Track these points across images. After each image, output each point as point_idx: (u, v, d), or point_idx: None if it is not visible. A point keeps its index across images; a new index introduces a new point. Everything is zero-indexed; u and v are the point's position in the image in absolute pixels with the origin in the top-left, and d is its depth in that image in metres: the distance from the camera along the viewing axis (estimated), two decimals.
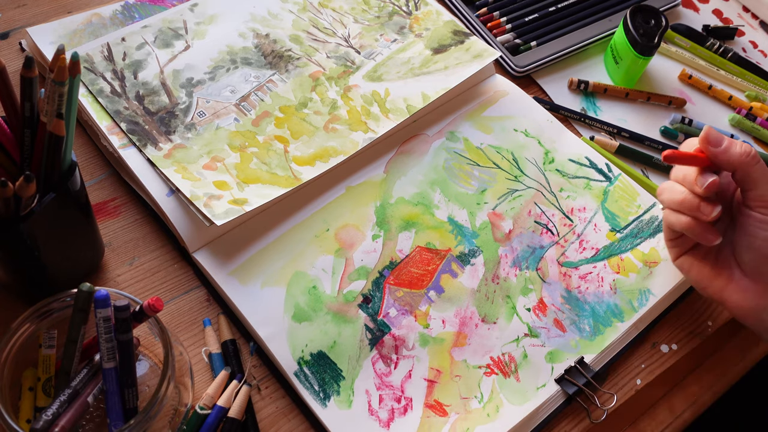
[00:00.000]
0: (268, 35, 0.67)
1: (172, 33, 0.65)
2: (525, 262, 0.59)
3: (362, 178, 0.61)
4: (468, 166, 0.64)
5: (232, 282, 0.53)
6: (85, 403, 0.44)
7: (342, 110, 0.63)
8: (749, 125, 0.75)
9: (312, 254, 0.56)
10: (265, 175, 0.57)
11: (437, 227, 0.59)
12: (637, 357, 0.57)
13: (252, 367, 0.52)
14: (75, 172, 0.45)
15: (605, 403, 0.54)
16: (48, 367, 0.46)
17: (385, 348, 0.53)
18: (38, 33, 0.63)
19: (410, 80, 0.66)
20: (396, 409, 0.51)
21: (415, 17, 0.72)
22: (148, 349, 0.50)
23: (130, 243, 0.56)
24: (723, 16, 0.86)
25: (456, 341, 0.54)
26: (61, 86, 0.42)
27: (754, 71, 0.80)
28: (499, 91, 0.69)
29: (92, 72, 0.61)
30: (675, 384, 0.57)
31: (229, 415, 0.48)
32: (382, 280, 0.56)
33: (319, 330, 0.52)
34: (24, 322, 0.45)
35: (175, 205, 0.55)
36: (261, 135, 0.60)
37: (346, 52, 0.68)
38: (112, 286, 0.54)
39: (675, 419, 0.56)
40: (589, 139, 0.69)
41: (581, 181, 0.65)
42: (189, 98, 0.61)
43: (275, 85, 0.64)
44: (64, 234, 0.48)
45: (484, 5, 0.79)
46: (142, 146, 0.57)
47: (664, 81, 0.77)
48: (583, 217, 0.63)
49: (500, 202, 0.62)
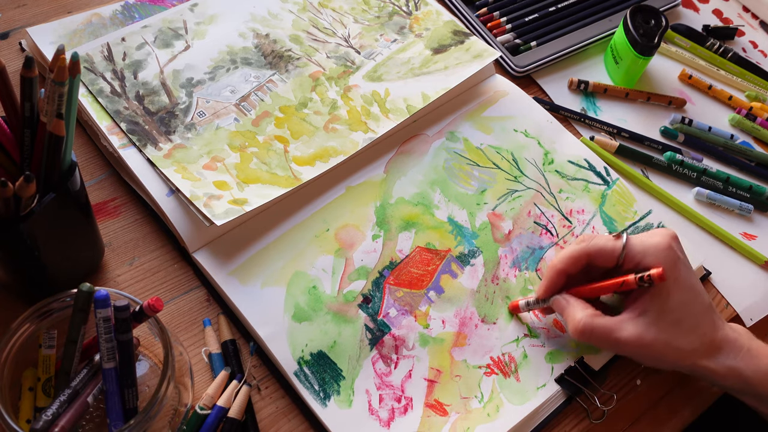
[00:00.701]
0: (268, 35, 0.67)
1: (172, 33, 0.65)
2: (524, 262, 0.59)
3: (362, 178, 0.61)
4: (468, 166, 0.64)
5: (232, 282, 0.53)
6: (85, 403, 0.44)
7: (342, 110, 0.63)
8: (749, 125, 0.75)
9: (312, 254, 0.56)
10: (265, 175, 0.57)
11: (437, 227, 0.59)
12: None
13: (252, 367, 0.52)
14: (75, 172, 0.45)
15: (605, 403, 0.54)
16: (48, 367, 0.46)
17: (385, 348, 0.53)
18: (38, 33, 0.63)
19: (410, 80, 0.66)
20: (396, 408, 0.51)
21: (415, 17, 0.72)
22: (148, 349, 0.50)
23: (130, 243, 0.56)
24: (723, 16, 0.86)
25: (456, 341, 0.54)
26: (61, 86, 0.42)
27: (754, 71, 0.80)
28: (499, 91, 0.69)
29: (92, 72, 0.61)
30: (675, 384, 0.57)
31: (229, 415, 0.48)
32: (382, 280, 0.56)
33: (319, 330, 0.52)
34: (24, 322, 0.45)
35: (175, 205, 0.55)
36: (261, 135, 0.60)
37: (346, 52, 0.68)
38: (112, 286, 0.54)
39: (675, 419, 0.56)
40: (589, 139, 0.69)
41: (580, 183, 0.65)
42: (189, 98, 0.61)
43: (275, 85, 0.64)
44: (64, 234, 0.48)
45: (484, 5, 0.79)
46: (142, 146, 0.57)
47: (664, 81, 0.77)
48: (582, 219, 0.63)
49: (500, 202, 0.62)
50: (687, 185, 0.69)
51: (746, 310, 0.62)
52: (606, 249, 0.52)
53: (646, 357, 0.52)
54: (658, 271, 0.48)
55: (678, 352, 0.50)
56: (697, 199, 0.68)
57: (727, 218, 0.68)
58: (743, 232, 0.67)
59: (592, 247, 0.52)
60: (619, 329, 0.50)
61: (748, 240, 0.66)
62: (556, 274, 0.53)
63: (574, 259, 0.52)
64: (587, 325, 0.50)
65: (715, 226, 0.66)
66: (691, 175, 0.69)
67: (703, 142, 0.72)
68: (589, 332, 0.50)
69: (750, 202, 0.68)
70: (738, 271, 0.64)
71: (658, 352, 0.50)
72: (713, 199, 0.68)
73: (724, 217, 0.68)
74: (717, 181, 0.69)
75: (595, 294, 0.53)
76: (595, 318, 0.50)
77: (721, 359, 0.50)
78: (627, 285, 0.50)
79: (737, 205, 0.68)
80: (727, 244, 0.66)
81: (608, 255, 0.52)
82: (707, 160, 0.72)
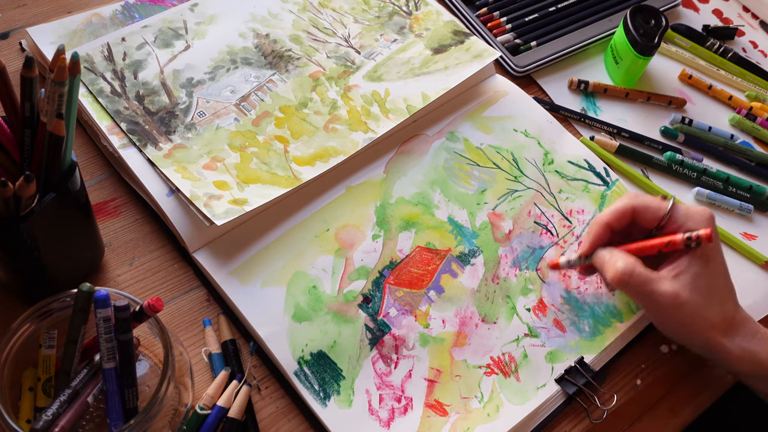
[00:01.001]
0: (268, 35, 0.67)
1: (172, 33, 0.65)
2: (525, 262, 0.59)
3: (362, 178, 0.61)
4: (468, 166, 0.64)
5: (232, 282, 0.53)
6: (85, 403, 0.44)
7: (342, 110, 0.63)
8: (749, 125, 0.75)
9: (312, 254, 0.56)
10: (265, 175, 0.57)
11: (437, 227, 0.59)
12: (637, 357, 0.57)
13: (252, 367, 0.52)
14: (75, 172, 0.45)
15: (605, 403, 0.54)
16: (48, 368, 0.46)
17: (385, 348, 0.53)
18: (38, 33, 0.63)
19: (410, 80, 0.66)
20: (396, 408, 0.51)
21: (415, 17, 0.72)
22: (148, 349, 0.50)
23: (130, 243, 0.56)
24: (723, 16, 0.86)
25: (456, 341, 0.54)
26: (61, 86, 0.42)
27: (754, 71, 0.80)
28: (499, 91, 0.69)
29: (92, 72, 0.61)
30: (675, 384, 0.57)
31: (229, 415, 0.48)
32: (382, 280, 0.56)
33: (319, 330, 0.52)
34: (24, 322, 0.45)
35: (175, 205, 0.55)
36: (261, 135, 0.60)
37: (346, 52, 0.68)
38: (112, 286, 0.54)
39: (675, 419, 0.56)
40: (589, 139, 0.69)
41: (580, 183, 0.65)
42: (189, 98, 0.61)
43: (275, 85, 0.64)
44: (64, 234, 0.48)
45: (484, 5, 0.79)
46: (142, 146, 0.57)
47: (664, 81, 0.77)
48: (582, 219, 0.63)
49: (500, 202, 0.62)
50: (687, 185, 0.69)
51: (746, 310, 0.61)
52: (652, 206, 0.52)
53: (672, 319, 0.52)
54: (706, 232, 0.49)
55: (703, 321, 0.51)
56: (697, 199, 0.68)
57: (727, 218, 0.68)
58: (743, 232, 0.67)
59: (640, 203, 0.52)
60: (658, 282, 0.50)
61: (748, 240, 0.66)
62: (602, 228, 0.53)
63: (620, 213, 0.53)
64: (627, 271, 0.50)
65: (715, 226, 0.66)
66: (691, 175, 0.69)
67: (703, 142, 0.72)
68: (627, 277, 0.50)
69: (750, 202, 0.68)
70: (738, 271, 0.64)
71: (687, 316, 0.50)
72: (713, 199, 0.68)
73: (724, 217, 0.68)
74: (717, 181, 0.69)
75: (640, 253, 0.52)
76: (637, 266, 0.51)
77: (737, 340, 0.51)
78: (673, 245, 0.50)
79: (737, 205, 0.68)
80: (727, 244, 0.66)
81: (654, 213, 0.52)
82: (707, 160, 0.72)
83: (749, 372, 0.52)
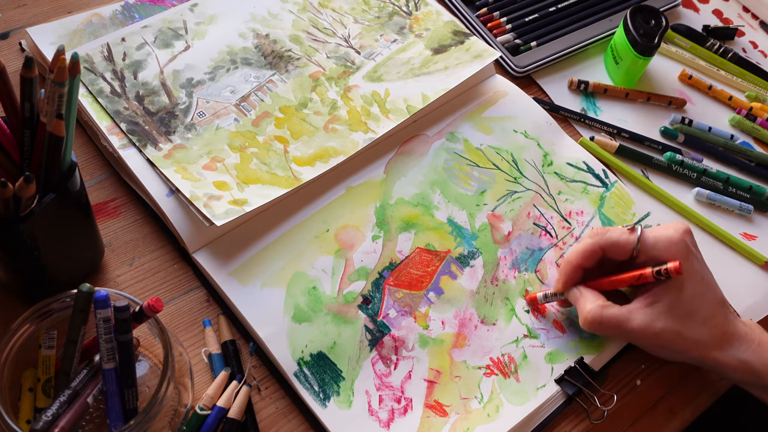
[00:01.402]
0: (268, 35, 0.67)
1: (172, 33, 0.65)
2: (524, 264, 0.59)
3: (362, 179, 0.61)
4: (468, 166, 0.64)
5: (231, 282, 0.53)
6: (84, 403, 0.44)
7: (342, 110, 0.63)
8: (749, 125, 0.75)
9: (312, 255, 0.56)
10: (265, 176, 0.57)
11: (437, 228, 0.59)
12: (636, 357, 0.57)
13: (252, 368, 0.52)
14: (75, 172, 0.45)
15: (605, 404, 0.54)
16: (48, 368, 0.46)
17: (384, 349, 0.53)
18: (38, 33, 0.63)
19: (410, 80, 0.66)
20: (396, 409, 0.51)
21: (415, 17, 0.72)
22: (148, 349, 0.50)
23: (130, 243, 0.56)
24: (723, 17, 0.86)
25: (456, 342, 0.54)
26: (61, 87, 0.42)
27: (754, 71, 0.80)
28: (499, 92, 0.69)
29: (92, 72, 0.61)
30: (675, 384, 0.57)
31: (228, 416, 0.48)
32: (381, 281, 0.56)
33: (319, 331, 0.52)
34: (24, 323, 0.45)
35: (175, 205, 0.55)
36: (261, 135, 0.60)
37: (346, 52, 0.68)
38: (112, 286, 0.54)
39: (675, 419, 0.56)
40: (588, 139, 0.69)
41: (579, 185, 0.65)
42: (189, 98, 0.61)
43: (275, 86, 0.64)
44: (64, 234, 0.48)
45: (484, 5, 0.79)
46: (142, 146, 0.57)
47: (664, 81, 0.77)
48: (581, 221, 0.63)
49: (500, 203, 0.62)
50: (687, 185, 0.69)
51: (746, 310, 0.62)
52: (620, 243, 0.52)
53: (655, 347, 0.52)
54: (675, 265, 0.49)
55: (688, 343, 0.51)
56: (697, 199, 0.68)
57: (727, 218, 0.68)
58: (743, 233, 0.67)
59: (606, 241, 0.52)
60: (629, 319, 0.51)
61: (748, 240, 0.66)
62: (572, 269, 0.54)
63: (588, 254, 0.53)
64: (596, 316, 0.51)
65: (715, 226, 0.66)
66: (691, 175, 0.69)
67: (703, 143, 0.72)
68: (597, 323, 0.51)
69: (750, 202, 0.68)
70: (738, 272, 0.64)
71: (667, 342, 0.51)
72: (713, 200, 0.68)
73: (724, 217, 0.68)
74: (717, 182, 0.69)
75: (613, 287, 0.53)
76: (605, 309, 0.51)
77: (731, 352, 0.51)
78: (644, 278, 0.51)
79: (737, 206, 0.68)
80: (727, 244, 0.66)
81: (622, 248, 0.52)
82: (707, 160, 0.72)
83: (746, 381, 0.52)
